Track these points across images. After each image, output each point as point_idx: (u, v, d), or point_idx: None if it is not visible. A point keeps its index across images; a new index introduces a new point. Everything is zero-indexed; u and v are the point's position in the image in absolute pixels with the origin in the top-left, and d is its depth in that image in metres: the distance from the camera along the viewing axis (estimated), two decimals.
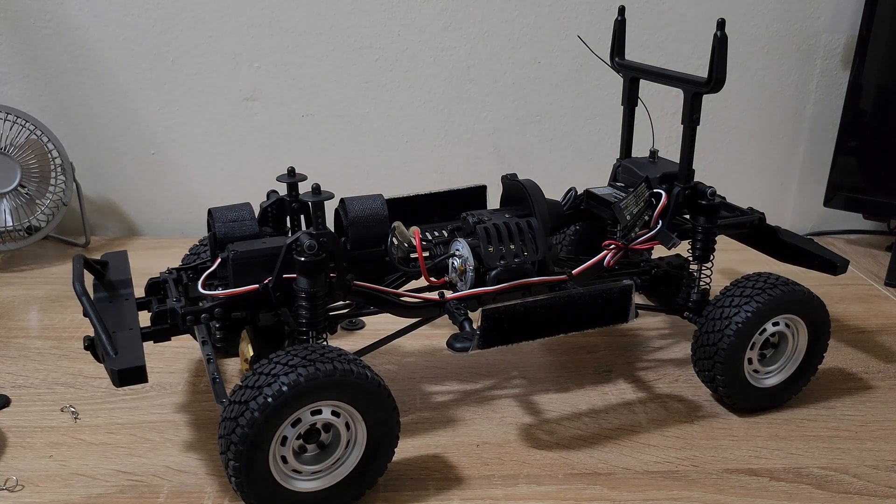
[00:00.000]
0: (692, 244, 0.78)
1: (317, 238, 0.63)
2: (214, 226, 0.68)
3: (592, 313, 0.69)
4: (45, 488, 0.64)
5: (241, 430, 0.55)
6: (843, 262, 0.81)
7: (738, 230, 0.83)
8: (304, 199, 0.65)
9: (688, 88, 0.74)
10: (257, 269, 0.65)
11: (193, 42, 1.15)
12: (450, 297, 0.70)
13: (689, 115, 0.74)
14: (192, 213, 1.23)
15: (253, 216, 0.70)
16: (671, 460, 0.69)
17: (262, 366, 0.58)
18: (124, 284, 0.69)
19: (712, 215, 0.77)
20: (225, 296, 0.64)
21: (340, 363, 0.58)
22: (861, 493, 0.66)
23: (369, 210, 0.70)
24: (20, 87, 1.16)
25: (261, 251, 0.65)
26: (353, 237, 0.70)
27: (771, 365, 0.76)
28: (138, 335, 0.62)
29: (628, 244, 0.75)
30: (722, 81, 0.71)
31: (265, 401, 0.55)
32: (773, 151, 1.28)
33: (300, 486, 0.60)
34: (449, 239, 0.73)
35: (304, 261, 0.63)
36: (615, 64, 0.83)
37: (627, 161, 0.84)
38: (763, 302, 0.71)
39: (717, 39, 0.70)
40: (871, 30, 1.12)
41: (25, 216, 1.10)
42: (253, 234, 0.68)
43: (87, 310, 0.60)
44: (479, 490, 0.65)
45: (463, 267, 0.70)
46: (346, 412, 0.60)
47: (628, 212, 0.75)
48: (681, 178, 0.77)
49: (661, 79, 0.78)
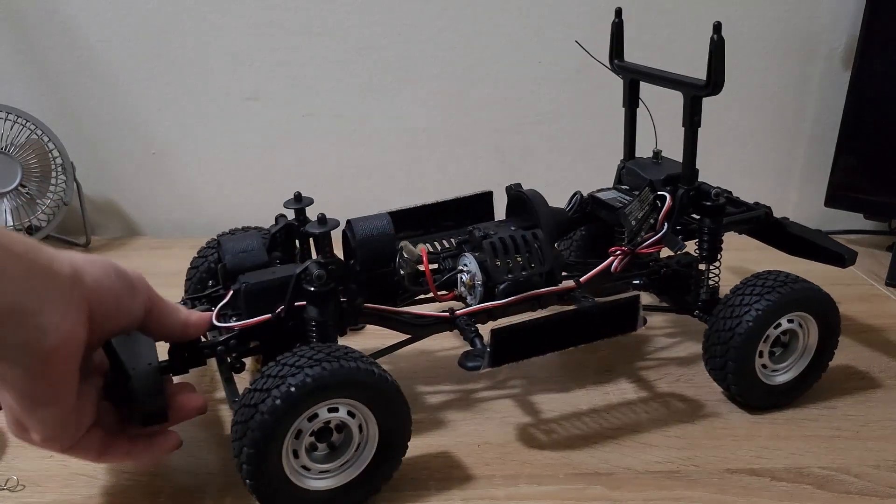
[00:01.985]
0: (699, 244, 0.78)
1: (325, 267, 0.64)
2: (224, 258, 0.70)
3: (600, 325, 0.70)
4: (46, 488, 0.64)
5: (260, 417, 0.55)
6: (851, 255, 0.81)
7: (745, 226, 0.83)
8: (310, 230, 0.67)
9: (687, 91, 0.74)
10: (269, 299, 0.66)
11: (194, 42, 1.15)
12: (460, 312, 0.71)
13: (690, 117, 0.74)
14: (193, 213, 1.23)
15: (262, 245, 0.71)
16: (673, 460, 0.69)
17: (285, 357, 0.58)
18: None
19: (717, 216, 0.77)
20: (239, 327, 0.65)
21: (363, 363, 0.59)
22: (863, 493, 0.66)
23: (376, 230, 0.71)
24: (20, 86, 1.16)
25: (271, 281, 0.66)
26: (361, 258, 0.71)
27: (781, 363, 0.76)
28: (158, 372, 0.61)
29: (634, 249, 0.75)
30: (720, 84, 0.71)
31: (288, 389, 0.55)
32: (773, 151, 1.28)
33: (307, 484, 0.60)
34: (456, 252, 0.73)
35: (314, 290, 0.63)
36: (615, 66, 0.83)
37: (631, 163, 0.83)
38: (775, 299, 0.71)
39: (713, 43, 0.70)
40: (872, 30, 1.12)
41: (26, 216, 1.10)
42: (263, 263, 0.70)
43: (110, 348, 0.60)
44: (481, 490, 0.65)
45: (472, 282, 0.71)
46: (361, 413, 0.60)
47: (633, 217, 0.75)
48: (684, 180, 0.77)
49: (659, 81, 0.78)
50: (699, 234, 0.78)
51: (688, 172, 0.77)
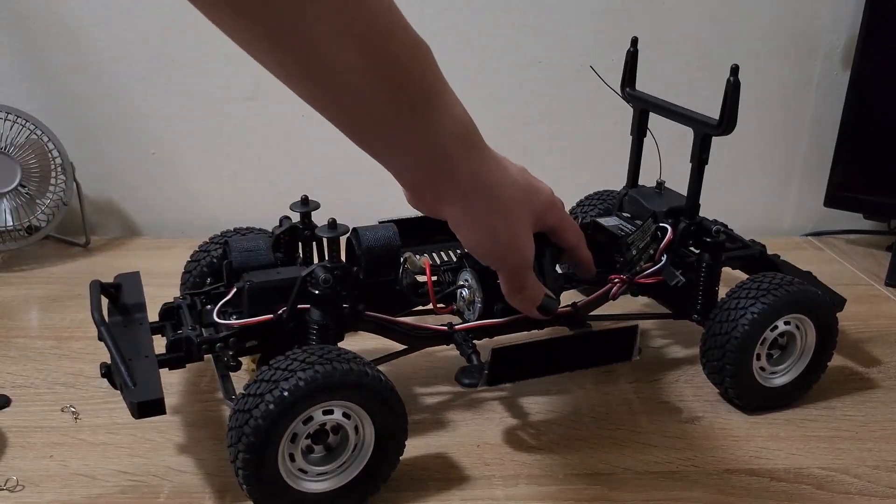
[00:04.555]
0: (695, 278, 0.78)
1: (332, 272, 0.64)
2: (231, 255, 0.70)
3: (597, 352, 0.70)
4: (46, 488, 0.64)
5: (254, 423, 0.55)
6: (840, 301, 0.81)
7: (740, 262, 0.84)
8: (320, 234, 0.67)
9: (698, 129, 0.74)
10: (272, 299, 0.66)
11: (194, 42, 1.15)
12: (458, 327, 0.71)
13: (699, 154, 0.74)
14: (193, 213, 1.23)
15: (268, 246, 0.72)
16: (672, 461, 0.69)
17: (278, 361, 0.58)
18: (138, 308, 0.70)
19: (717, 252, 0.77)
20: (240, 325, 0.65)
21: (357, 365, 0.59)
22: (862, 494, 0.66)
23: (382, 240, 0.71)
24: (20, 86, 1.16)
25: (276, 282, 0.67)
26: (365, 266, 0.71)
27: (779, 365, 0.76)
28: (155, 364, 0.62)
29: (633, 278, 0.76)
30: (733, 125, 0.71)
31: (281, 394, 0.55)
32: (773, 151, 1.28)
33: (305, 486, 0.60)
34: (458, 266, 0.74)
35: (318, 294, 0.64)
36: (626, 94, 0.83)
37: (634, 191, 0.84)
38: (771, 302, 0.71)
39: (729, 84, 0.70)
40: (872, 30, 1.12)
41: (26, 216, 1.10)
42: (268, 263, 0.70)
43: (106, 340, 0.61)
44: (480, 490, 0.65)
45: (471, 297, 0.71)
46: (356, 415, 0.60)
47: (634, 247, 0.75)
48: (687, 213, 0.77)
49: (670, 115, 0.78)
50: (696, 268, 0.78)
51: (690, 206, 0.77)
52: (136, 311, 0.70)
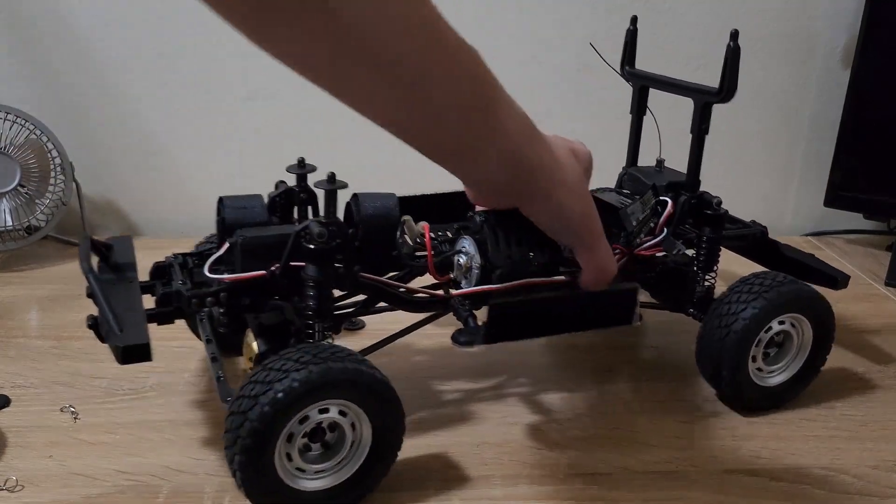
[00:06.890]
0: (696, 254, 0.78)
1: (327, 226, 0.63)
2: (224, 211, 0.68)
3: (597, 314, 0.69)
4: (45, 488, 0.64)
5: (249, 424, 0.55)
6: (844, 277, 0.80)
7: (741, 242, 0.83)
8: (318, 187, 0.65)
9: (699, 98, 0.74)
10: (265, 255, 0.64)
11: (194, 41, 1.15)
12: (455, 293, 0.70)
13: (699, 124, 0.74)
14: (192, 213, 1.23)
15: (263, 205, 0.70)
16: (671, 460, 0.69)
17: (272, 361, 0.58)
18: (129, 268, 0.69)
19: (718, 225, 0.77)
20: (231, 280, 0.64)
21: (351, 363, 0.58)
22: (861, 494, 0.66)
23: (382, 207, 0.71)
24: (20, 86, 1.16)
25: (269, 237, 0.65)
26: (363, 232, 0.70)
27: (775, 364, 0.76)
28: (143, 315, 0.61)
29: (633, 250, 0.75)
30: (733, 91, 0.71)
31: (275, 396, 0.55)
32: (773, 151, 1.28)
33: (303, 485, 0.60)
34: (455, 237, 0.73)
35: (314, 248, 0.62)
36: (625, 73, 0.83)
37: (633, 169, 0.84)
38: (770, 299, 0.71)
39: (730, 50, 0.70)
40: (871, 29, 1.12)
41: (25, 216, 1.10)
42: (262, 221, 0.69)
43: (93, 288, 0.59)
44: (479, 490, 0.65)
45: (468, 264, 0.70)
46: (353, 413, 0.60)
47: (634, 218, 0.75)
48: (687, 186, 0.77)
49: (671, 88, 0.78)
50: (697, 243, 0.77)
51: (691, 179, 0.77)
52: (127, 270, 0.68)
